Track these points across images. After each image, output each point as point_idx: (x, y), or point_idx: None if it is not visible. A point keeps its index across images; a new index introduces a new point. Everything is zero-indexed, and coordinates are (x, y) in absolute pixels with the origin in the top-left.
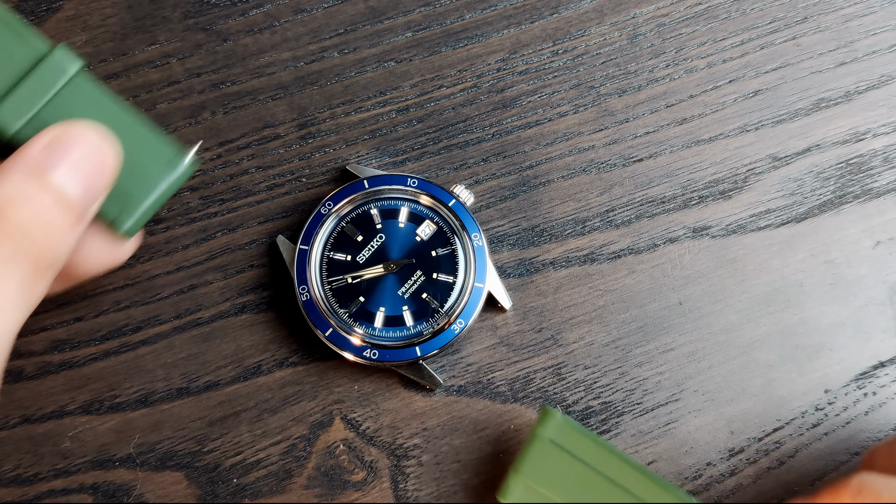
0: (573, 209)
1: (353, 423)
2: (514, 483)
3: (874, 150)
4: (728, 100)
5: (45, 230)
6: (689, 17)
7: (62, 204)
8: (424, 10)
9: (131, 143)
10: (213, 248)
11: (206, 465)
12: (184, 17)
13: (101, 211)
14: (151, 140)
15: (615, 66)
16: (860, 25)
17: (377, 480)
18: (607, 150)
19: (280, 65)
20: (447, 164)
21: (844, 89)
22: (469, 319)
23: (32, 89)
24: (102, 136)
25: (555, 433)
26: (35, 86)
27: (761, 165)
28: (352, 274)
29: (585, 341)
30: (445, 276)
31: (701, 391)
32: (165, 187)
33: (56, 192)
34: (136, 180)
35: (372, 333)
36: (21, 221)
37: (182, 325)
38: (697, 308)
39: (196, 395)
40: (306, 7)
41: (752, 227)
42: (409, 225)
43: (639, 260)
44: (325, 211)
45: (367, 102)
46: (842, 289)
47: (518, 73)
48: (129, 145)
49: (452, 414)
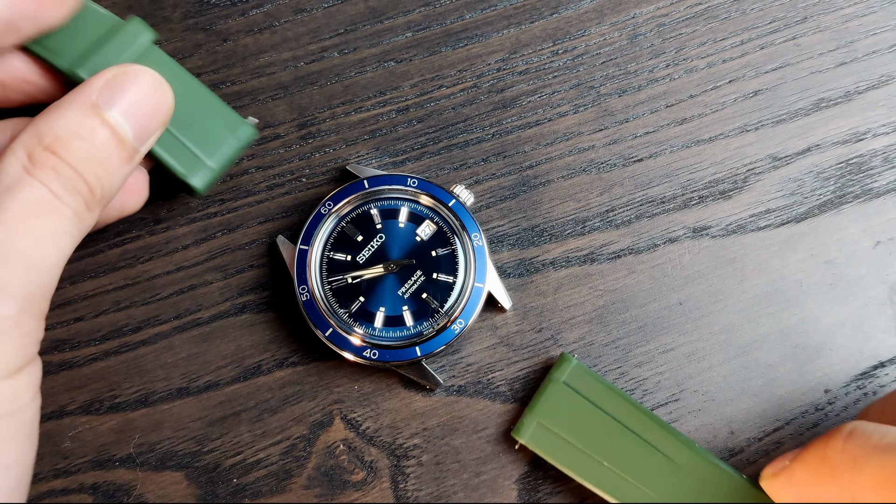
0: (573, 209)
1: (353, 423)
2: (528, 421)
3: (874, 150)
4: (728, 100)
5: (100, 164)
6: (689, 17)
7: (117, 140)
8: (424, 10)
9: (201, 108)
10: (213, 248)
11: (206, 465)
12: (184, 17)
13: (176, 168)
14: (218, 107)
15: (615, 66)
16: (860, 25)
17: (377, 480)
18: (607, 150)
19: (280, 65)
20: (447, 164)
21: (844, 89)
22: (469, 319)
23: (110, 54)
24: (158, 80)
25: (569, 377)
26: (112, 51)
27: (761, 165)
28: (352, 274)
29: (585, 341)
30: (445, 276)
31: (701, 391)
32: (233, 149)
33: (112, 129)
34: (206, 141)
35: (372, 333)
36: (78, 154)
37: (182, 325)
38: (697, 308)
39: (196, 395)
40: (306, 7)
41: (752, 227)
42: (409, 225)
43: (639, 260)
44: (325, 211)
45: (367, 102)
46: (842, 289)
47: (518, 73)
48: (199, 110)
49: (452, 414)
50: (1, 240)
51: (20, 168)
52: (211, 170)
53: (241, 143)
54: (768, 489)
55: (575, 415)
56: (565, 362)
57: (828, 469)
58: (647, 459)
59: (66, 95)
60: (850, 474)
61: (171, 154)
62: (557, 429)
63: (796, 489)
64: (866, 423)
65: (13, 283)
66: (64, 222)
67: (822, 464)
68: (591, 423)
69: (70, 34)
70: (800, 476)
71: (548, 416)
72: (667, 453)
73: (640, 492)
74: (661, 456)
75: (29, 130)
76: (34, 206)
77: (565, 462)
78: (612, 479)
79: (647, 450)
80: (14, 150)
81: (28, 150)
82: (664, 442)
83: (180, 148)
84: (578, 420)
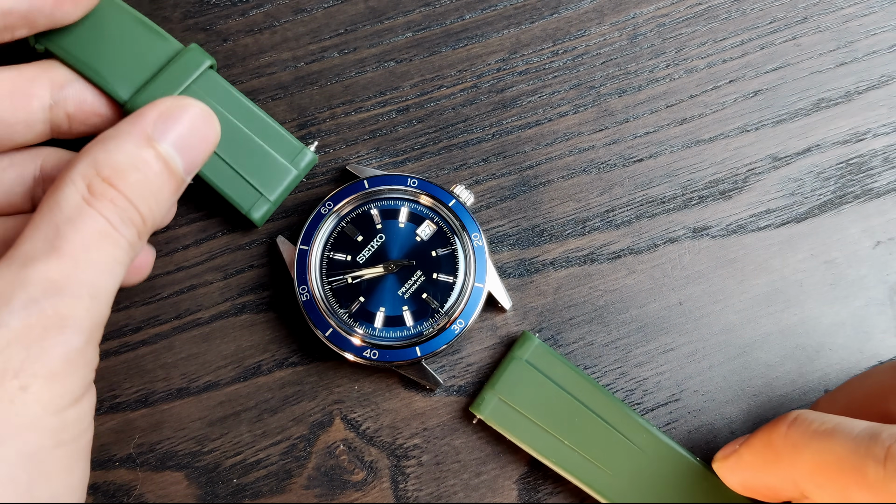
0: (573, 209)
1: (353, 423)
2: (488, 397)
3: (874, 150)
4: (728, 100)
5: (153, 196)
6: (689, 17)
7: (169, 172)
8: (424, 10)
9: (260, 136)
10: (213, 248)
11: (206, 465)
12: (184, 17)
13: (236, 202)
14: (278, 134)
15: (615, 66)
16: (860, 25)
17: (377, 480)
18: (607, 150)
19: (280, 65)
20: (447, 164)
21: (844, 89)
22: (469, 319)
23: (168, 81)
24: (207, 112)
25: (532, 355)
26: (170, 78)
27: (761, 165)
28: (352, 274)
29: (585, 341)
30: (445, 276)
31: (701, 391)
32: (292, 179)
33: (165, 161)
34: (266, 173)
35: (372, 333)
36: (135, 186)
37: (182, 325)
38: (697, 308)
39: (196, 395)
40: (306, 7)
41: (752, 227)
42: (409, 225)
43: (639, 260)
44: (325, 211)
45: (367, 102)
46: (842, 289)
47: (518, 73)
48: (259, 138)
49: (452, 414)
50: (67, 272)
51: (79, 198)
52: (270, 202)
53: (301, 172)
54: (719, 471)
55: (536, 393)
56: (528, 341)
57: (772, 454)
58: (605, 439)
59: (120, 124)
60: (790, 458)
61: (231, 187)
62: (518, 406)
63: (743, 472)
64: (809, 412)
65: (80, 315)
66: (119, 252)
67: (767, 448)
68: (551, 401)
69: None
70: (747, 460)
71: (508, 392)
72: (626, 434)
73: (598, 470)
74: (620, 436)
75: (86, 160)
76: (95, 238)
77: (524, 439)
78: (571, 458)
79: (606, 430)
80: (73, 180)
81: (87, 181)
82: (623, 423)
83: (239, 181)
84: (539, 398)
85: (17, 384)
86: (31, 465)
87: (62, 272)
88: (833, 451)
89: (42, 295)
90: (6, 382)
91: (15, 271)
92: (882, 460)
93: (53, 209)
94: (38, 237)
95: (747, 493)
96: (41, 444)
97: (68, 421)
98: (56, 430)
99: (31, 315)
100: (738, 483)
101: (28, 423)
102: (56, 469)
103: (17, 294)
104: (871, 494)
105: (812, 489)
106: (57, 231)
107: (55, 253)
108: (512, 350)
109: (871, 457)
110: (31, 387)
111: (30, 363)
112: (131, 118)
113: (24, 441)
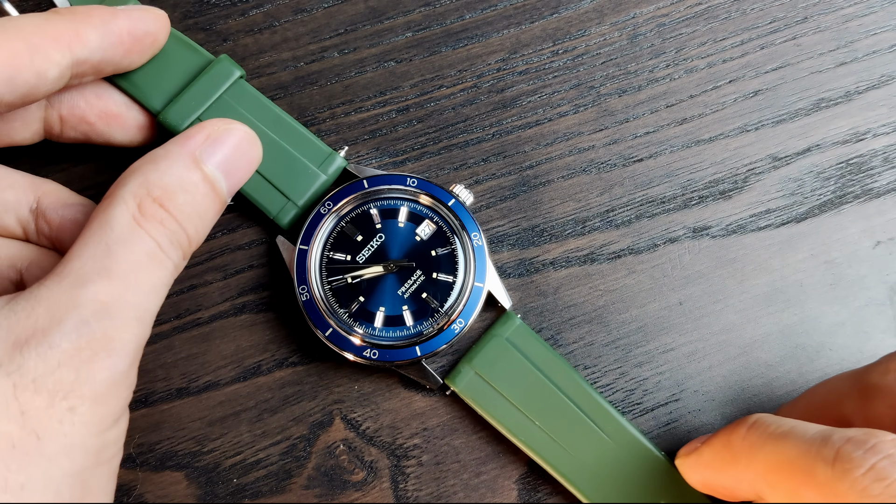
0: (573, 209)
1: (353, 423)
2: (465, 370)
3: (874, 150)
4: (728, 100)
5: (199, 217)
6: (689, 17)
7: (214, 193)
8: (424, 10)
9: (289, 143)
10: (213, 248)
11: (206, 465)
12: (184, 17)
13: (266, 208)
14: (307, 141)
15: (615, 66)
16: (860, 25)
17: (377, 480)
18: (607, 150)
19: (280, 65)
20: (447, 164)
21: (844, 89)
22: (469, 319)
23: (199, 92)
24: (251, 136)
25: (513, 334)
26: (202, 88)
27: (761, 165)
28: (351, 274)
29: (585, 341)
30: (445, 275)
31: (701, 391)
32: (321, 184)
33: (212, 183)
34: (294, 179)
35: (372, 333)
36: (183, 208)
37: (182, 325)
38: (697, 308)
39: (196, 395)
40: (306, 7)
41: (752, 227)
42: (409, 224)
43: (639, 260)
44: (324, 211)
45: (367, 102)
46: (842, 289)
47: (518, 73)
48: (288, 145)
49: (452, 414)
50: (118, 294)
51: (130, 218)
52: (298, 207)
53: (330, 177)
54: (681, 468)
55: (512, 372)
56: (509, 320)
57: (730, 454)
58: (575, 424)
59: (168, 145)
60: (747, 460)
61: (260, 194)
62: (493, 382)
63: (703, 470)
64: (768, 416)
65: (127, 339)
66: (165, 275)
67: (726, 449)
68: (526, 381)
69: (163, 71)
70: (706, 458)
71: (486, 368)
72: (595, 421)
73: (563, 453)
74: (590, 423)
75: (136, 179)
76: (144, 259)
77: (496, 415)
78: (540, 439)
79: (576, 415)
80: (124, 199)
81: (138, 200)
82: (595, 411)
83: (269, 188)
84: (515, 377)
85: (65, 405)
86: (76, 484)
87: (112, 294)
88: (786, 453)
89: (93, 317)
90: (56, 403)
91: (66, 290)
92: (831, 461)
93: (104, 227)
94: (88, 255)
95: (706, 490)
96: (85, 464)
97: (108, 441)
98: (98, 450)
99: (82, 337)
100: (697, 481)
101: (74, 444)
102: (95, 487)
103: (69, 315)
104: (820, 494)
105: (766, 489)
106: (108, 251)
107: (106, 274)
108: (493, 327)
109: (821, 458)
110: (79, 408)
111: (78, 385)
112: (179, 139)
113: (70, 461)
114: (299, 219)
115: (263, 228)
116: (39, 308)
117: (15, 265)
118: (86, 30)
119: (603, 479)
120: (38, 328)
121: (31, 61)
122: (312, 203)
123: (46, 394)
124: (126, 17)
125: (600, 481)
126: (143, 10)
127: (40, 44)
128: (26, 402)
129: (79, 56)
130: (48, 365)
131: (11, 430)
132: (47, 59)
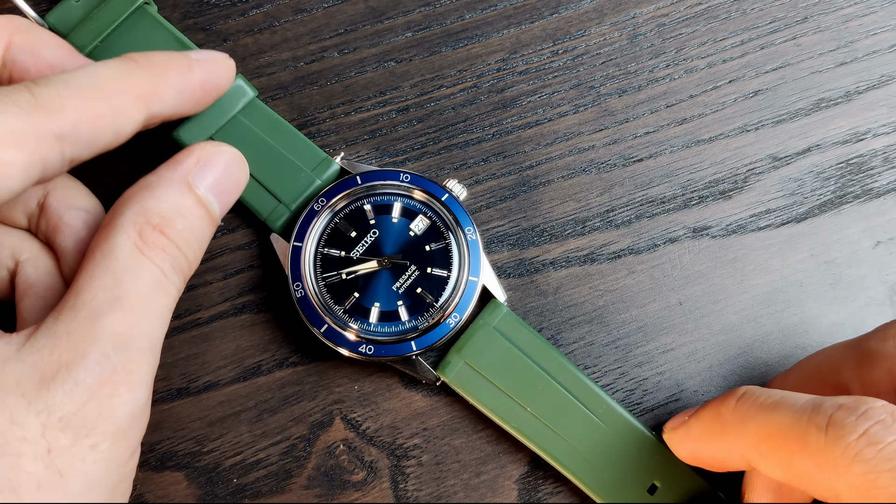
0: (573, 209)
1: (353, 423)
2: (454, 360)
3: (874, 150)
4: (728, 100)
5: (196, 241)
6: (689, 17)
7: (209, 216)
8: (424, 10)
9: (287, 150)
10: (212, 248)
11: (206, 465)
12: (183, 17)
13: (259, 212)
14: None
15: (615, 66)
16: (860, 25)
17: (377, 480)
18: (607, 150)
19: (280, 65)
20: (447, 164)
21: (844, 89)
22: (464, 313)
23: (214, 112)
24: (238, 157)
25: (500, 323)
26: (216, 109)
27: (761, 165)
28: (346, 270)
29: (585, 341)
30: (440, 270)
31: (701, 391)
32: (314, 189)
33: (205, 206)
34: (289, 185)
35: (367, 329)
36: (182, 233)
37: (182, 326)
38: (697, 308)
39: (196, 395)
40: (306, 7)
41: (752, 227)
42: (403, 220)
43: (639, 260)
44: (318, 207)
45: (367, 102)
46: (842, 289)
47: (518, 73)
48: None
49: (452, 414)
50: (132, 325)
51: (132, 247)
52: (290, 211)
53: (324, 182)
54: (669, 441)
55: (501, 359)
56: (497, 308)
57: (719, 426)
58: (566, 409)
59: (160, 170)
60: (736, 431)
61: (253, 196)
62: (483, 370)
63: (692, 443)
64: (758, 388)
65: (144, 371)
66: (170, 301)
67: (715, 420)
68: (516, 368)
69: None
70: (695, 431)
71: (475, 357)
72: (586, 404)
73: (556, 438)
74: (581, 406)
75: (133, 207)
76: (151, 287)
77: (488, 404)
78: (533, 425)
79: (567, 400)
80: (125, 227)
81: (138, 229)
82: (585, 394)
83: (262, 190)
84: (504, 365)
85: (88, 443)
86: None
87: (127, 325)
88: (777, 422)
89: (113, 350)
90: (79, 441)
91: (84, 324)
92: (823, 428)
93: (108, 257)
94: (97, 286)
95: (696, 463)
96: (101, 500)
97: (124, 476)
98: (114, 485)
99: (105, 371)
100: (686, 453)
101: (94, 482)
102: None
103: (90, 350)
104: (812, 461)
105: (757, 458)
106: (116, 281)
107: (118, 304)
108: (480, 316)
109: (814, 425)
110: (101, 445)
111: (101, 421)
112: (170, 164)
113: (89, 498)
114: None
115: (260, 228)
116: (60, 343)
117: (14, 255)
118: (164, 86)
119: (596, 460)
120: (62, 363)
121: (114, 123)
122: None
123: (71, 431)
124: (201, 70)
125: (592, 462)
126: (216, 62)
127: (122, 103)
128: (52, 439)
129: (153, 112)
130: (74, 402)
131: (38, 470)
132: (127, 119)
